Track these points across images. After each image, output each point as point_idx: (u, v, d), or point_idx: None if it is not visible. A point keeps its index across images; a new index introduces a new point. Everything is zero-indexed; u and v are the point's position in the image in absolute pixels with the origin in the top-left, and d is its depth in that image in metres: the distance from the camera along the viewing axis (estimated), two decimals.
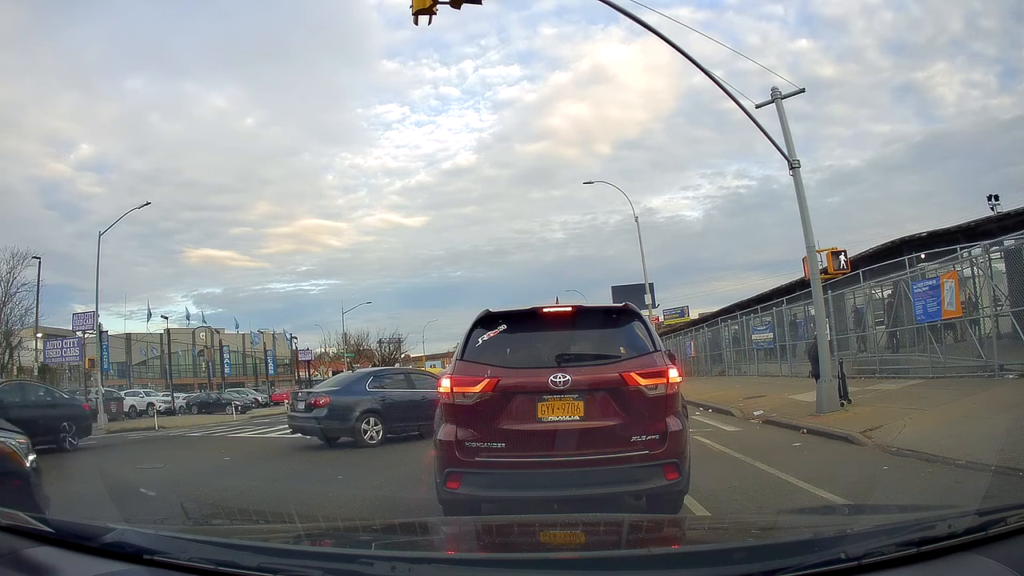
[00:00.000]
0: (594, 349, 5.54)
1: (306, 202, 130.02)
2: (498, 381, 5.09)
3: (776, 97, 13.84)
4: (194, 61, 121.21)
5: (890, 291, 18.89)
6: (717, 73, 13.15)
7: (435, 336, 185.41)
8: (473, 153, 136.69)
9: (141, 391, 43.32)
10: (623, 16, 11.61)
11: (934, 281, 15.38)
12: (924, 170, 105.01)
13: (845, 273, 15.18)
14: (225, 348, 63.00)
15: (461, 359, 5.42)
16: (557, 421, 5.03)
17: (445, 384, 5.36)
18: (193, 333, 68.41)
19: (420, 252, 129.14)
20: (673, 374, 5.22)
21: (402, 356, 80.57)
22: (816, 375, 13.51)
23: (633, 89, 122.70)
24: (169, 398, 41.66)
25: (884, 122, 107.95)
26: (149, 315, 58.33)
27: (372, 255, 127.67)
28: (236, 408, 37.83)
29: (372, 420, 12.94)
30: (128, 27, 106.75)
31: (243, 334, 73.58)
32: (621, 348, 5.45)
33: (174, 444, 18.06)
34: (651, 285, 31.88)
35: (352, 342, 70.96)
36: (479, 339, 5.47)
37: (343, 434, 13.05)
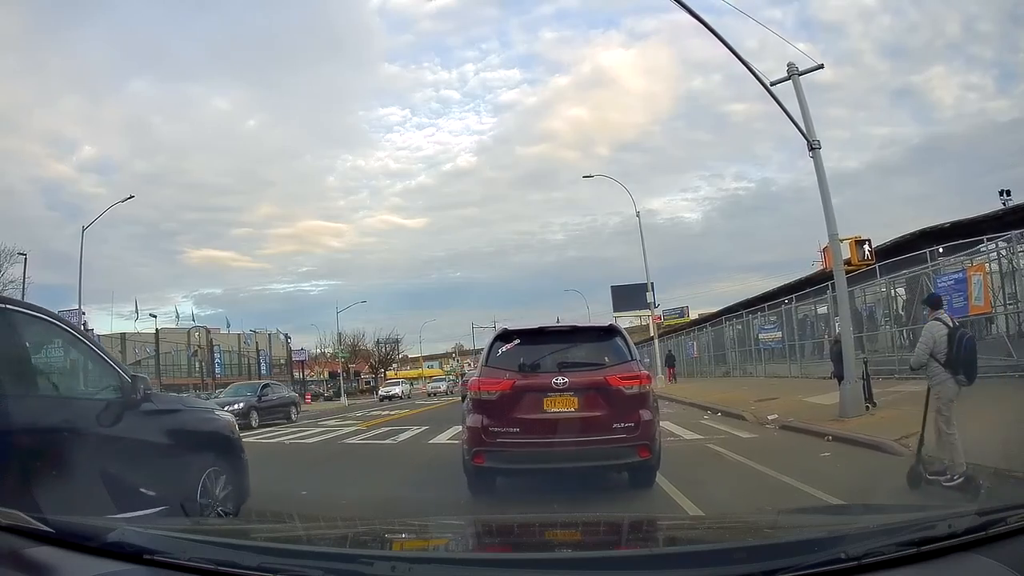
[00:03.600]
0: (586, 358, 6.96)
1: (307, 203, 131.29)
2: (514, 383, 6.61)
3: (793, 73, 13.04)
4: (197, 64, 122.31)
5: (903, 287, 18.30)
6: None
7: (434, 337, 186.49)
8: (474, 155, 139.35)
9: None
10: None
11: (960, 274, 14.59)
12: (922, 172, 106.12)
13: (869, 264, 14.36)
14: (216, 348, 62.76)
15: (485, 366, 6.96)
16: (558, 412, 6.49)
17: (473, 384, 6.94)
18: (188, 333, 68.29)
19: (420, 253, 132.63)
20: (646, 377, 6.83)
21: (399, 356, 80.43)
22: (839, 376, 12.73)
23: (632, 92, 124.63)
24: None
25: (882, 125, 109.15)
26: (137, 314, 57.91)
27: (373, 256, 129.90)
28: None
29: None
30: (132, 30, 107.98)
31: (237, 334, 73.50)
32: (606, 357, 6.92)
33: None
34: (651, 285, 32.01)
35: (348, 342, 70.82)
36: (499, 350, 7.00)
37: None
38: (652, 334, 33.88)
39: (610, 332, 7.23)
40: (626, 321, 78.60)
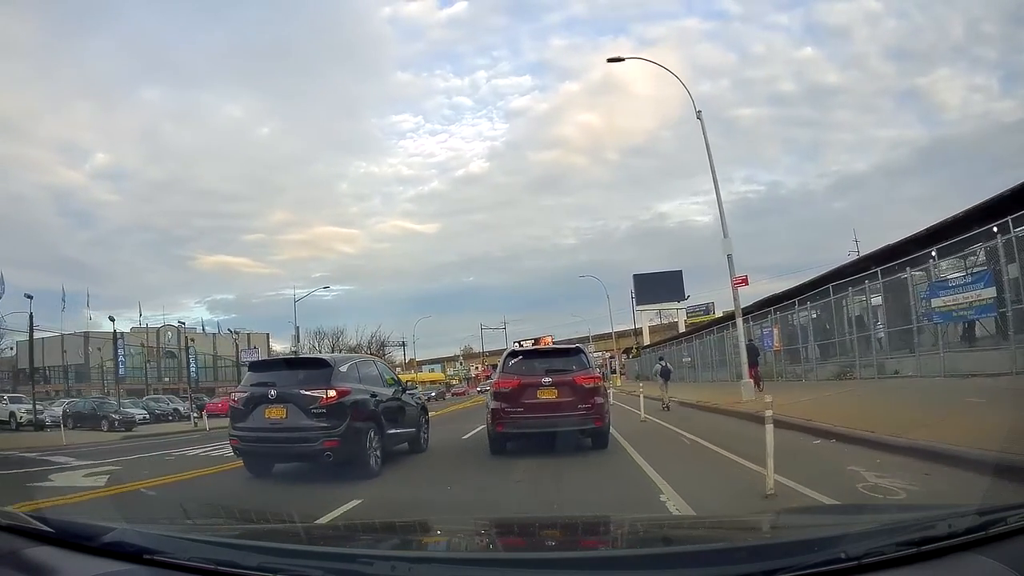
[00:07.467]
0: (562, 366, 11.31)
1: (320, 210, 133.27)
2: (520, 381, 11.02)
3: None
4: (210, 72, 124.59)
5: None
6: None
7: (444, 340, 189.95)
8: (485, 161, 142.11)
9: (5, 397, 36.54)
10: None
11: None
12: (929, 173, 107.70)
13: None
14: (168, 352, 61.90)
15: (502, 372, 11.45)
16: (546, 399, 10.81)
17: (496, 382, 11.48)
18: (158, 333, 67.92)
19: (433, 258, 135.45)
20: (598, 378, 11.61)
21: (391, 356, 79.97)
22: None
23: (641, 98, 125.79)
24: (56, 407, 35.14)
25: (888, 127, 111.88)
26: (90, 315, 56.90)
27: (385, 261, 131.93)
28: (113, 423, 30.35)
29: None
30: (144, 38, 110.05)
31: (212, 335, 73.14)
32: (574, 366, 11.31)
33: None
34: (730, 256, 20.14)
35: (327, 341, 70.50)
36: (509, 362, 11.58)
37: None
38: (735, 310, 20.86)
39: (576, 351, 12.06)
40: (646, 317, 78.02)
